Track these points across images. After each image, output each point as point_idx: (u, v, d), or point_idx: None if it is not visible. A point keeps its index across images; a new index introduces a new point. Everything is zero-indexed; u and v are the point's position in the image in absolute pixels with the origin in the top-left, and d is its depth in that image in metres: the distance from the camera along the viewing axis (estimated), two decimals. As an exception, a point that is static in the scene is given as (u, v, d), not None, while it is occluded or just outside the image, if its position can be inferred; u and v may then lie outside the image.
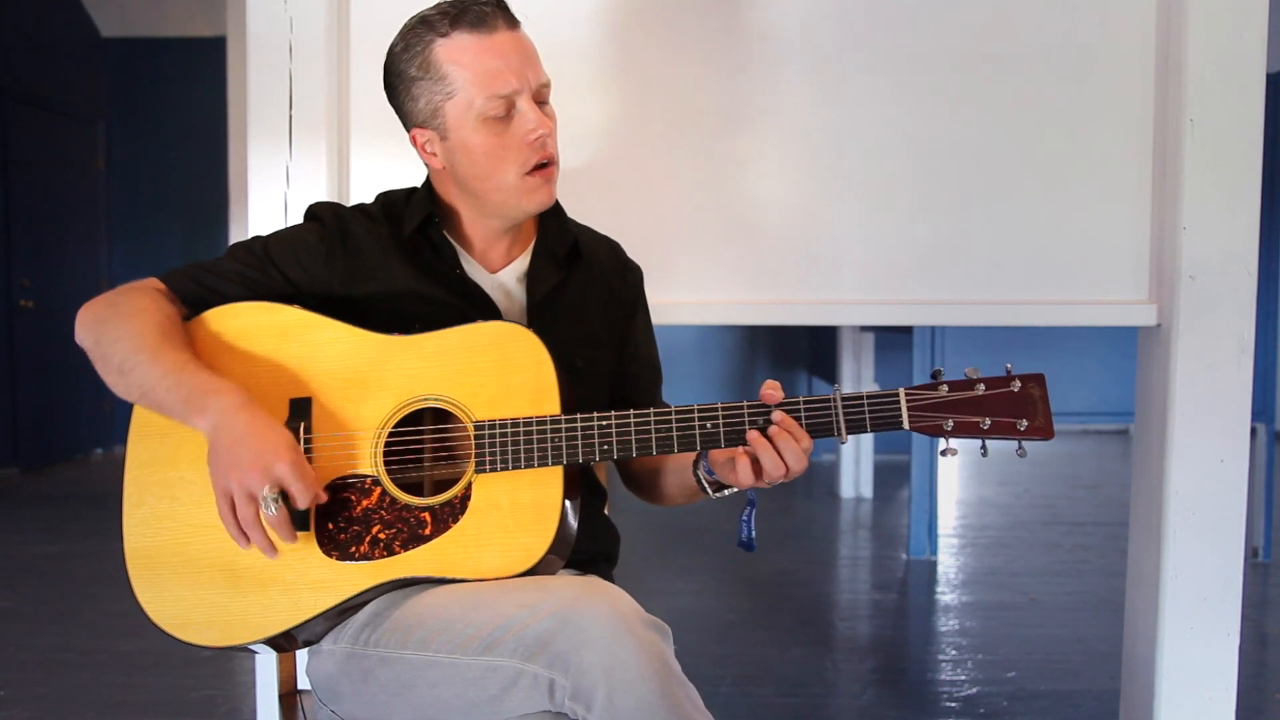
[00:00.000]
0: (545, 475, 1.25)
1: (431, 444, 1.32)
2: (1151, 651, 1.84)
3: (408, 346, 1.31)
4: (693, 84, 1.85)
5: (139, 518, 1.31)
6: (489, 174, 1.35)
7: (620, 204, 1.85)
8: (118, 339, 1.28)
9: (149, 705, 2.59)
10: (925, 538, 4.03)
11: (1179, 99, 1.78)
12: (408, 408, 1.29)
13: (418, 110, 1.35)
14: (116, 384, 1.29)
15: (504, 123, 1.32)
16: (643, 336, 1.55)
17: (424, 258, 1.40)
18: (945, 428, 1.23)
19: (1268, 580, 3.71)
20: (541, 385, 1.27)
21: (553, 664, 1.12)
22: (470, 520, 1.25)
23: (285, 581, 1.26)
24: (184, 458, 1.30)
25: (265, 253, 1.39)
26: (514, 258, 1.45)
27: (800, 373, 6.55)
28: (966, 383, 1.24)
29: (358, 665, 1.26)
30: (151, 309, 1.31)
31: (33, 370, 5.98)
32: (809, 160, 1.85)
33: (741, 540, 1.37)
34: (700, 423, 1.25)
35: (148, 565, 1.30)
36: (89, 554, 4.12)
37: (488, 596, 1.20)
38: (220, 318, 1.35)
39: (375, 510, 1.27)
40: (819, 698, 2.65)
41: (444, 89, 1.32)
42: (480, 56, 1.30)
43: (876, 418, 1.24)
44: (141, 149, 6.59)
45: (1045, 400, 1.24)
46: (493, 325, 1.31)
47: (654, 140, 1.85)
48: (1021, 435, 1.23)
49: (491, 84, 1.30)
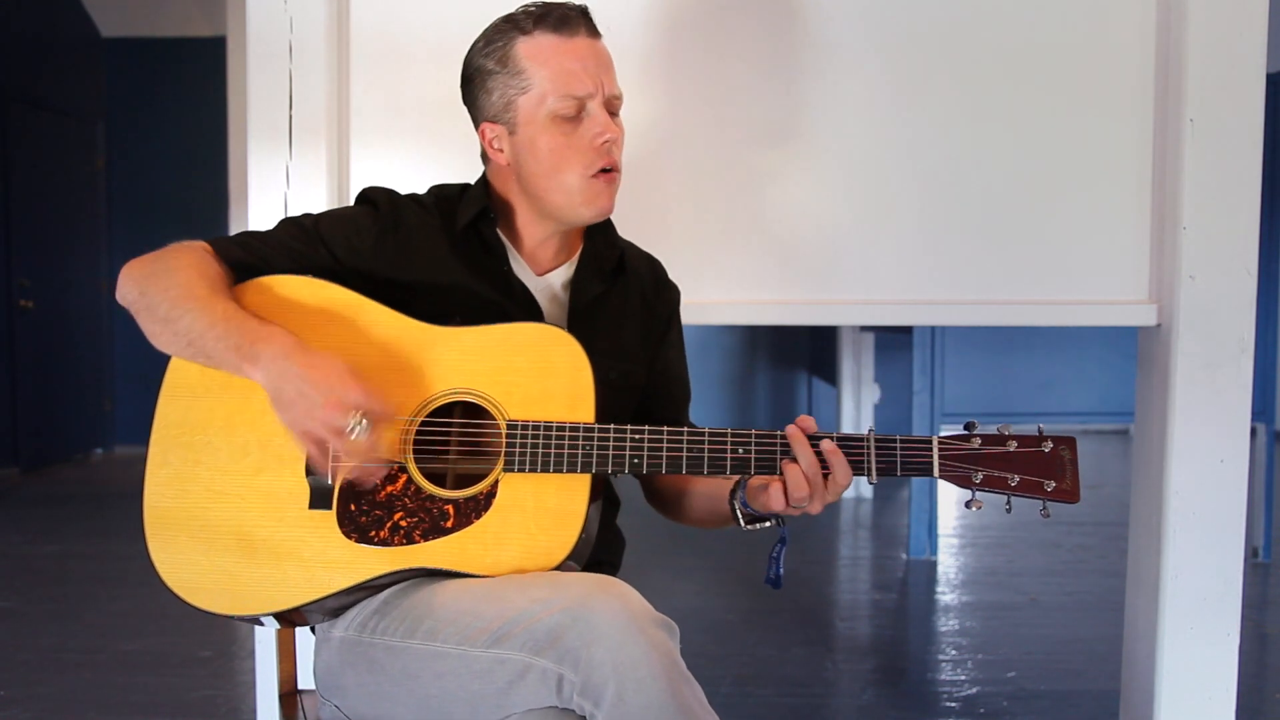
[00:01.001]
0: (573, 482, 1.26)
1: (460, 438, 1.33)
2: (1151, 651, 1.84)
3: (448, 338, 1.31)
4: (696, 90, 1.85)
5: (162, 477, 1.31)
6: (553, 173, 1.36)
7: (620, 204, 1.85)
8: (166, 288, 1.28)
9: (149, 705, 2.59)
10: (925, 538, 4.03)
11: (1179, 99, 1.78)
12: (442, 399, 1.29)
13: (490, 104, 1.37)
14: (161, 333, 1.29)
15: (574, 123, 1.34)
16: (674, 354, 1.55)
17: (473, 253, 1.41)
18: (974, 480, 1.24)
19: (1268, 580, 3.71)
20: (578, 392, 1.27)
21: (562, 659, 1.12)
22: (493, 517, 1.25)
23: (302, 557, 1.26)
24: (214, 422, 1.30)
25: (316, 229, 1.40)
26: (560, 263, 1.46)
27: (800, 373, 6.55)
28: (999, 438, 1.25)
29: (364, 654, 1.26)
30: (201, 264, 1.32)
31: (33, 370, 5.98)
32: (809, 160, 1.85)
33: (769, 577, 1.36)
34: (733, 447, 1.26)
35: (165, 525, 1.30)
36: (89, 554, 4.12)
37: (499, 590, 1.20)
38: (266, 286, 1.35)
39: (399, 497, 1.27)
40: (819, 698, 2.65)
41: (519, 83, 1.34)
42: (559, 56, 1.33)
43: (908, 463, 1.25)
44: (141, 149, 6.59)
45: (1074, 464, 1.24)
46: (536, 326, 1.31)
47: (653, 143, 1.85)
48: (1048, 496, 1.24)
49: (567, 83, 1.33)
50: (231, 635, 3.03)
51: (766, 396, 6.67)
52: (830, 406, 5.66)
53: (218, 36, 5.62)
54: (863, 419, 5.05)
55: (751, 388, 6.72)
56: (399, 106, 1.86)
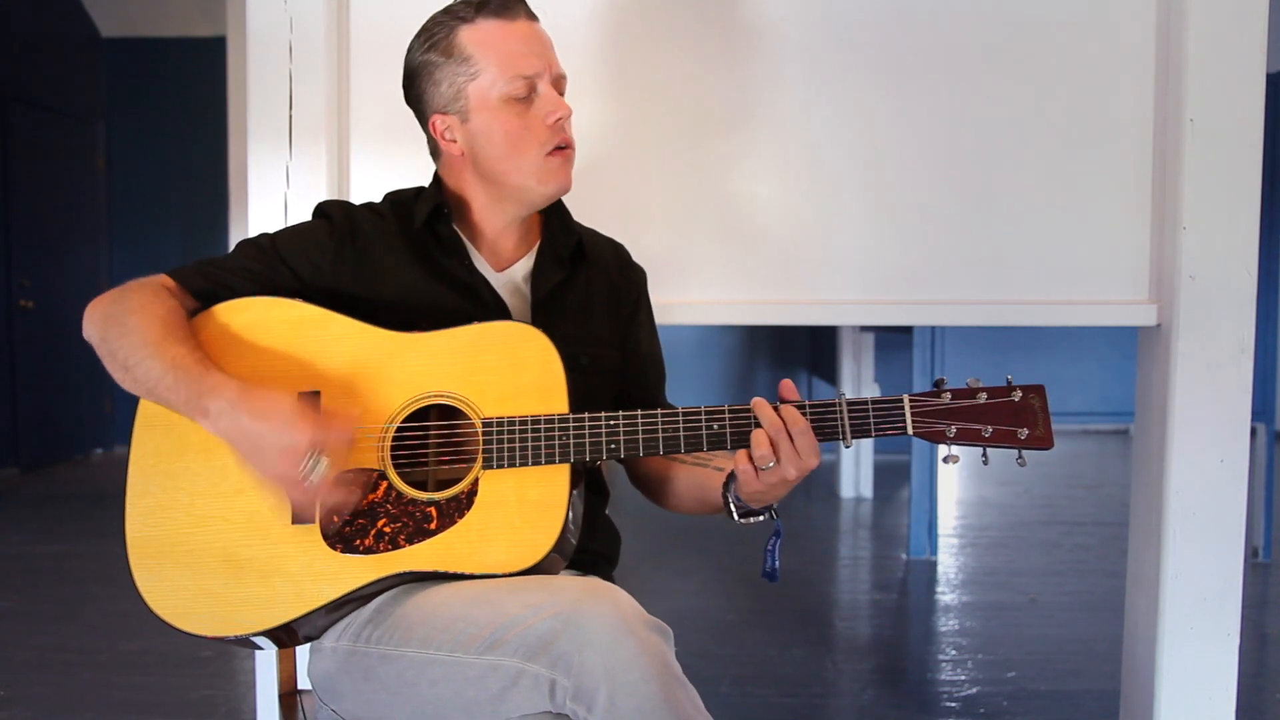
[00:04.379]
0: (552, 473, 1.26)
1: (438, 440, 1.33)
2: (1151, 651, 1.84)
3: (417, 343, 1.31)
4: (695, 84, 1.85)
5: (143, 508, 1.31)
6: (509, 154, 1.37)
7: (621, 204, 1.85)
8: (122, 334, 1.28)
9: (149, 705, 2.59)
10: (925, 538, 4.03)
11: (1179, 99, 1.78)
12: (416, 404, 1.30)
13: (439, 95, 1.38)
14: (124, 380, 1.30)
15: (525, 104, 1.36)
16: (645, 334, 1.56)
17: (432, 254, 1.41)
18: (948, 434, 1.25)
19: (1268, 580, 3.71)
20: (550, 384, 1.28)
21: (554, 664, 1.12)
22: (476, 515, 1.25)
23: (288, 573, 1.26)
24: (190, 449, 1.31)
25: (274, 249, 1.40)
26: (521, 255, 1.46)
27: (800, 373, 6.55)
28: (968, 391, 1.26)
29: (359, 663, 1.26)
30: (154, 304, 1.31)
31: (33, 370, 5.98)
32: (809, 160, 1.85)
33: (766, 570, 1.37)
34: (707, 424, 1.27)
35: (150, 555, 1.30)
36: (89, 554, 4.12)
37: (491, 595, 1.20)
38: (230, 311, 1.35)
39: (381, 504, 1.27)
40: (819, 698, 2.65)
41: (467, 70, 1.35)
42: (504, 39, 1.35)
43: (881, 422, 1.26)
44: (141, 149, 6.59)
45: (1045, 411, 1.26)
46: (503, 324, 1.32)
47: (654, 140, 1.85)
48: (1021, 444, 1.25)
49: (516, 64, 1.35)
50: (231, 635, 3.02)
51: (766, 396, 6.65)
52: (830, 406, 5.65)
53: (218, 36, 5.62)
54: (863, 419, 5.03)
55: (751, 388, 6.72)
56: (399, 106, 1.85)
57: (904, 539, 4.23)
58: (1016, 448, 1.26)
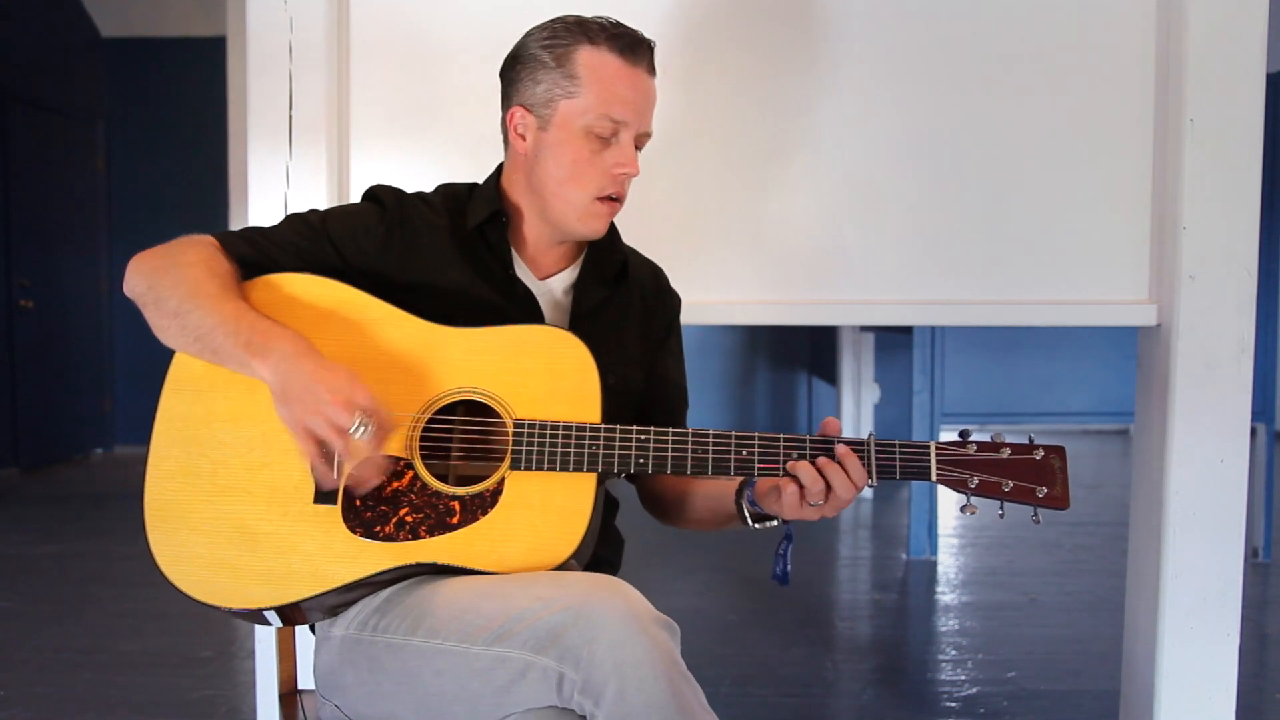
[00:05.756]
0: (579, 481, 1.27)
1: (467, 436, 1.33)
2: (1151, 651, 1.84)
3: (456, 338, 1.32)
4: (693, 89, 1.85)
5: (164, 471, 1.31)
6: (565, 181, 1.38)
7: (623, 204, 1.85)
8: (176, 284, 1.29)
9: (149, 705, 2.59)
10: (925, 538, 4.03)
11: (1179, 99, 1.78)
12: (449, 397, 1.30)
13: (534, 93, 1.37)
14: (169, 327, 1.29)
15: (604, 144, 1.37)
16: (673, 361, 1.56)
17: (478, 254, 1.42)
18: (969, 484, 1.27)
19: (1268, 580, 3.71)
20: (585, 393, 1.29)
21: (563, 658, 1.12)
22: (500, 514, 1.26)
23: (306, 551, 1.26)
24: (218, 417, 1.31)
25: (322, 226, 1.40)
26: (562, 268, 1.47)
27: (800, 373, 6.55)
28: (992, 445, 1.29)
29: (365, 652, 1.26)
30: (210, 260, 1.32)
31: (33, 370, 5.98)
32: (809, 160, 1.86)
33: (776, 574, 1.39)
34: (737, 449, 1.28)
35: (166, 519, 1.29)
36: (89, 554, 4.12)
37: (500, 588, 1.20)
38: (272, 284, 1.35)
39: (405, 493, 1.27)
40: (819, 698, 2.65)
41: (569, 87, 1.35)
42: (617, 78, 1.35)
43: (906, 466, 1.28)
44: (141, 149, 6.59)
45: (1065, 472, 1.29)
46: (544, 329, 1.32)
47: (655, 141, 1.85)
48: (1039, 502, 1.28)
49: (613, 106, 1.35)
50: (231, 635, 3.03)
51: (766, 396, 6.67)
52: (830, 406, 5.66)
53: (218, 36, 5.62)
54: (863, 419, 5.05)
55: (751, 388, 6.72)
56: (399, 106, 1.86)
57: (904, 539, 4.23)
58: (1034, 505, 1.28)
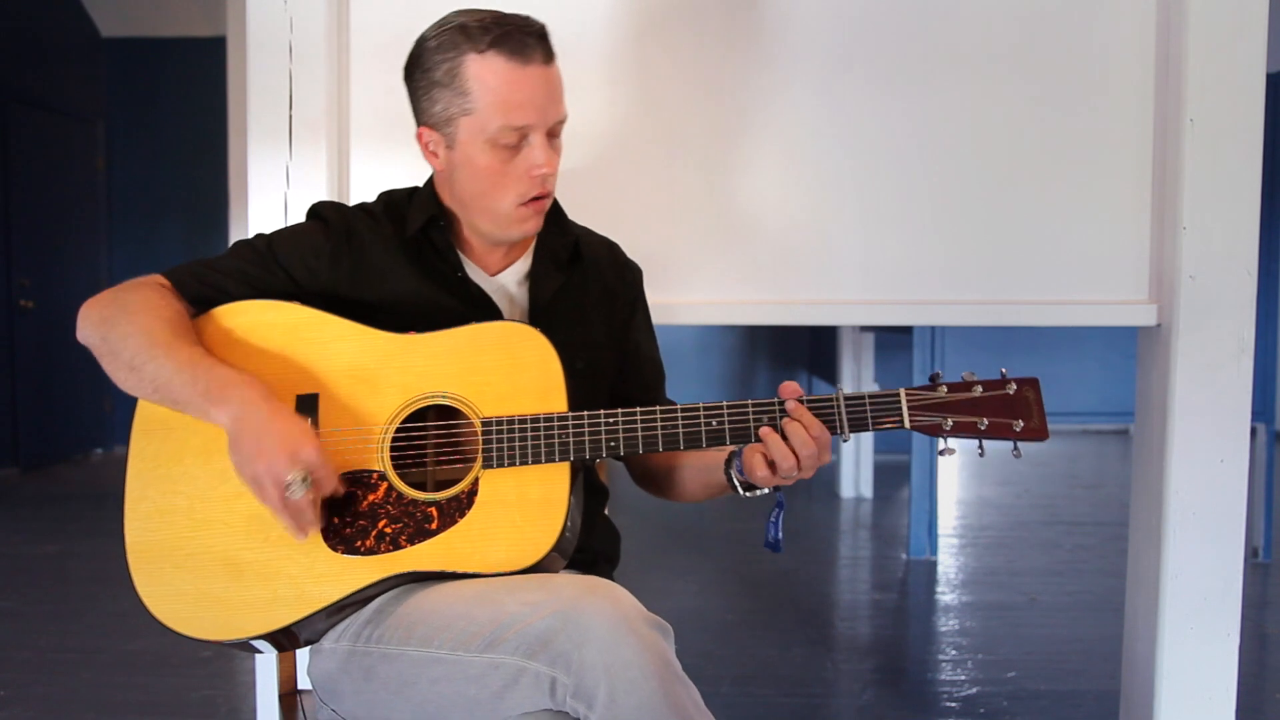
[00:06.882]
0: (552, 471, 1.27)
1: (437, 441, 1.33)
2: (1151, 651, 1.84)
3: (415, 345, 1.32)
4: (694, 85, 1.85)
5: (141, 513, 1.31)
6: (484, 194, 1.36)
7: (621, 204, 1.85)
8: (127, 335, 1.28)
9: (149, 705, 2.59)
10: (925, 538, 4.03)
11: (1179, 99, 1.78)
12: (415, 404, 1.30)
13: (433, 112, 1.36)
14: (127, 380, 1.29)
15: (512, 151, 1.34)
16: (643, 335, 1.55)
17: (426, 258, 1.41)
18: (944, 427, 1.27)
19: (1268, 580, 3.71)
20: (549, 384, 1.29)
21: (554, 662, 1.12)
22: (477, 515, 1.25)
23: (289, 575, 1.26)
24: (189, 452, 1.30)
25: (269, 251, 1.40)
26: (513, 260, 1.46)
27: (800, 373, 6.55)
28: (964, 385, 1.28)
29: (359, 663, 1.26)
30: (159, 304, 1.31)
31: (33, 370, 5.98)
32: (809, 160, 1.85)
33: (768, 541, 1.39)
34: (706, 420, 1.28)
35: (149, 560, 1.29)
36: (89, 554, 4.12)
37: (491, 593, 1.20)
38: (227, 315, 1.35)
39: (382, 505, 1.27)
40: (819, 698, 2.65)
41: (463, 104, 1.32)
42: (508, 84, 1.31)
43: (878, 416, 1.27)
44: (141, 149, 6.59)
45: (1039, 403, 1.28)
46: (500, 325, 1.32)
47: (655, 141, 1.85)
48: (1017, 436, 1.27)
49: (511, 114, 1.31)
50: (231, 635, 3.03)
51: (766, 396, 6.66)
52: (830, 406, 5.63)
53: (218, 36, 5.62)
54: (863, 419, 5.04)
55: (751, 388, 6.72)
56: (399, 106, 1.85)
57: (904, 539, 4.23)
58: (1012, 439, 1.27)
